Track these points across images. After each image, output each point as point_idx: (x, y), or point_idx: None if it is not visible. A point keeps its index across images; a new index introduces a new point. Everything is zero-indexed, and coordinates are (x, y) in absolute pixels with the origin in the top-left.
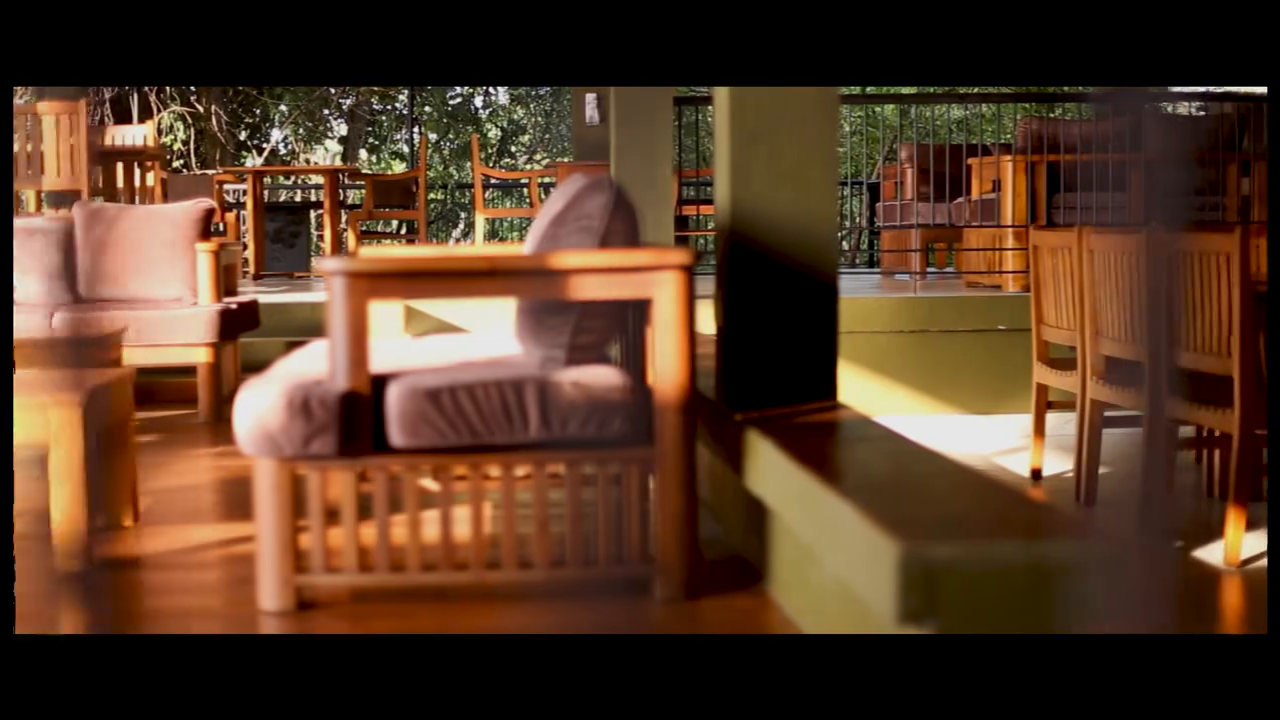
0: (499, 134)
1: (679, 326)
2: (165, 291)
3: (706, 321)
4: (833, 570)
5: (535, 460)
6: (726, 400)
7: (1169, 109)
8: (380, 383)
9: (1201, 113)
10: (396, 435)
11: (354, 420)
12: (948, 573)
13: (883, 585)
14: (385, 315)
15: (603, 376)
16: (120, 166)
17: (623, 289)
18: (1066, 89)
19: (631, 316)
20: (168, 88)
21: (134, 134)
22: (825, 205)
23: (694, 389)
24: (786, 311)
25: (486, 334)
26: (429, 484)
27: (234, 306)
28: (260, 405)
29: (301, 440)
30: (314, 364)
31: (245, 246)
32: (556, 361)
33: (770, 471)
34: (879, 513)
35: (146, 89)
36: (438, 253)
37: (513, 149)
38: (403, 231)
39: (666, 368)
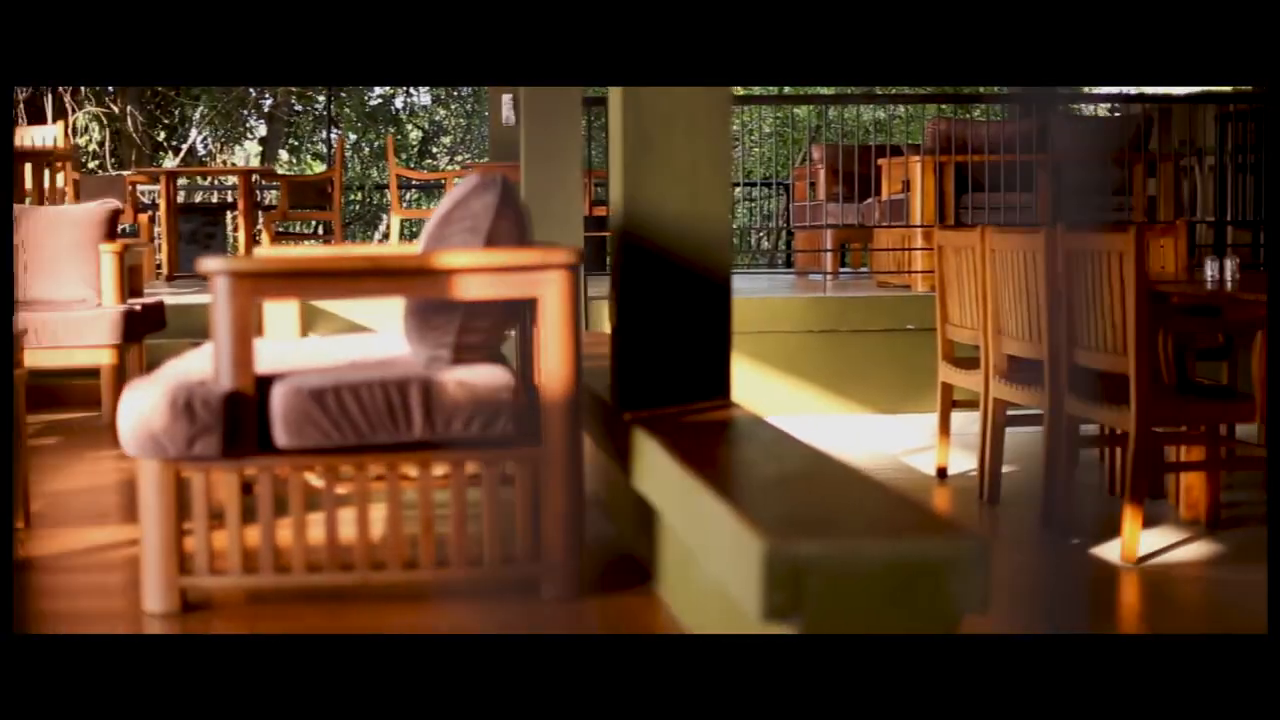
0: (420, 135)
1: (565, 325)
2: (69, 293)
3: (605, 321)
4: (707, 568)
5: (421, 460)
6: (620, 400)
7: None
8: (266, 383)
9: (1116, 114)
10: (281, 435)
11: (238, 421)
12: (811, 570)
13: (749, 582)
14: (281, 316)
15: (488, 376)
16: (29, 167)
17: (508, 288)
18: (982, 90)
19: (525, 315)
20: (83, 88)
21: (43, 135)
22: (718, 206)
23: (580, 388)
24: (679, 311)
25: (382, 334)
26: (315, 481)
27: (138, 308)
28: (143, 406)
29: (185, 441)
30: (202, 365)
31: (159, 248)
32: (441, 361)
33: (654, 470)
34: (749, 511)
35: (61, 89)
36: (329, 252)
37: (434, 150)
38: (320, 232)
39: (553, 367)
